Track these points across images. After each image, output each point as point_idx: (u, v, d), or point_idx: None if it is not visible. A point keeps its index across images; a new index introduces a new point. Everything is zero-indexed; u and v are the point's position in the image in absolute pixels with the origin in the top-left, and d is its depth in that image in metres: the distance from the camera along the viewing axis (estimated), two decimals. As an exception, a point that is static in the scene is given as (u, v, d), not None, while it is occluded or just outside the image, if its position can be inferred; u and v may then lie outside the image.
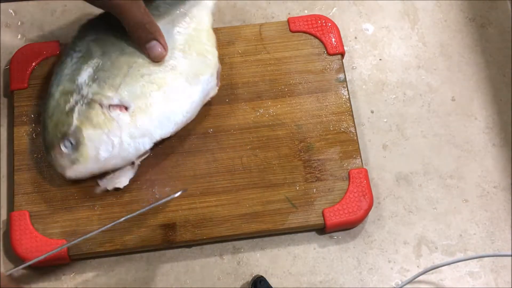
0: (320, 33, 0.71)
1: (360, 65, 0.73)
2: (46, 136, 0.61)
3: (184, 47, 0.64)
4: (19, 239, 0.61)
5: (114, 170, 0.62)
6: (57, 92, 0.62)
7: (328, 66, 0.70)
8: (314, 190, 0.64)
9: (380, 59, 0.73)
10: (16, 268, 0.56)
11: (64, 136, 0.60)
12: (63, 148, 0.60)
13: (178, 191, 0.61)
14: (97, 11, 0.75)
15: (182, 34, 0.64)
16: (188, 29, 0.65)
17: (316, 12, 0.75)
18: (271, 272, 0.63)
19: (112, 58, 0.62)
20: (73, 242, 0.59)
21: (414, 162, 0.68)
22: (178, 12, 0.65)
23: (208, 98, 0.65)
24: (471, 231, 0.66)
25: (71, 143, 0.60)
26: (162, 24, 0.63)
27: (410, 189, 0.67)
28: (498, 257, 0.64)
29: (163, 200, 0.61)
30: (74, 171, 0.61)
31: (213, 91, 0.65)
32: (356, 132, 0.67)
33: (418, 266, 0.64)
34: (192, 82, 0.63)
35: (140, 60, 0.62)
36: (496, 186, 0.68)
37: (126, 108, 0.61)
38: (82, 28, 0.64)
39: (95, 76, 0.61)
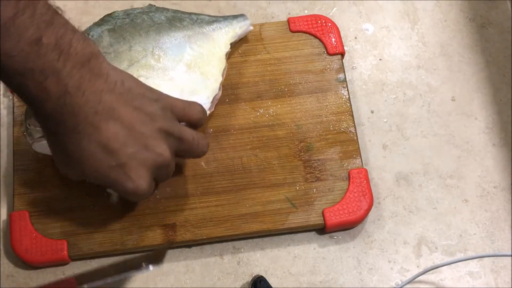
0: (320, 33, 0.71)
1: (360, 65, 0.73)
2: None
3: (191, 63, 0.64)
4: (19, 239, 0.61)
5: None
6: None
7: (328, 66, 0.70)
8: (314, 190, 0.64)
9: (380, 59, 0.73)
10: None
11: None
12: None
13: (148, 265, 0.57)
14: (98, 11, 0.75)
15: (194, 50, 0.65)
16: (201, 48, 0.65)
17: (316, 12, 0.75)
18: (271, 272, 0.63)
19: (118, 51, 0.62)
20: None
21: (414, 162, 0.68)
22: (198, 30, 0.66)
23: None
24: (471, 231, 0.66)
25: None
26: (178, 36, 0.64)
27: (410, 189, 0.67)
28: (498, 257, 0.64)
29: (133, 272, 0.59)
30: (41, 145, 0.60)
31: None
32: (356, 132, 0.67)
33: (418, 266, 0.64)
34: (185, 98, 0.63)
35: (143, 61, 0.62)
36: (496, 186, 0.68)
37: None
38: (106, 16, 0.65)
39: None
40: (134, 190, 0.51)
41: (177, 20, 0.65)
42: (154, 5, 0.66)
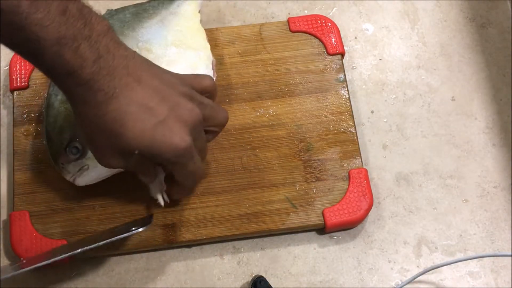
0: (320, 33, 0.71)
1: (360, 65, 0.73)
2: (51, 146, 0.60)
3: (176, 43, 0.64)
4: (19, 239, 0.61)
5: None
6: (56, 101, 0.61)
7: (328, 66, 0.70)
8: (314, 190, 0.64)
9: (380, 59, 0.73)
10: (16, 272, 0.56)
11: (70, 142, 0.59)
12: (70, 155, 0.59)
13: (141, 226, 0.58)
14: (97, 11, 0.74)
15: (173, 31, 0.65)
16: (177, 26, 0.65)
17: (316, 12, 0.75)
18: (271, 272, 0.63)
19: None
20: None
21: (414, 162, 0.68)
22: (166, 12, 0.66)
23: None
24: (471, 231, 0.66)
25: (78, 149, 0.59)
26: (152, 24, 0.65)
27: (410, 189, 0.67)
28: (498, 257, 0.64)
29: (126, 234, 0.58)
30: (84, 178, 0.60)
31: None
32: (356, 132, 0.67)
33: (418, 266, 0.64)
34: None
35: (150, 56, 0.62)
36: (496, 186, 0.68)
37: None
38: None
39: None
40: (181, 144, 0.51)
41: (142, 11, 0.66)
42: (112, 9, 0.66)
